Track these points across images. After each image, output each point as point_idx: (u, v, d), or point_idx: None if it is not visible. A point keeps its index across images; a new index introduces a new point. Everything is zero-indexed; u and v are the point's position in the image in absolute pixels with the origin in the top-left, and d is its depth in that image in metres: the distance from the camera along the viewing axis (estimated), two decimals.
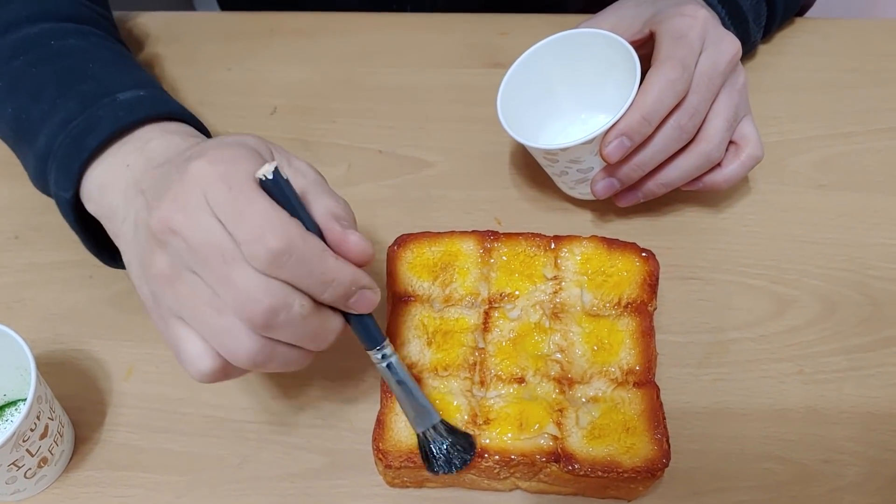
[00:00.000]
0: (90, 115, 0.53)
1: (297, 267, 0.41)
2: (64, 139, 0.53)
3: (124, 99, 0.54)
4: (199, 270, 0.42)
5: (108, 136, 0.52)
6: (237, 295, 0.41)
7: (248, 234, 0.41)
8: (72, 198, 0.53)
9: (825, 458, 0.54)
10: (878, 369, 0.58)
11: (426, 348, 0.54)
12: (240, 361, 0.43)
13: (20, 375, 0.54)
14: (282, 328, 0.42)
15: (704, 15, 0.59)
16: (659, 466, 0.49)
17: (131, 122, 0.53)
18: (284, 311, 0.42)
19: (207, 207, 0.41)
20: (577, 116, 0.67)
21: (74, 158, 0.52)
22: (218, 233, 0.41)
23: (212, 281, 0.42)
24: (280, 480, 0.54)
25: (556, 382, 0.52)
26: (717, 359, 0.59)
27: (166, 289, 0.43)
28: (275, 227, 0.41)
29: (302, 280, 0.42)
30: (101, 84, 0.55)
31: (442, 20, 0.81)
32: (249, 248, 0.41)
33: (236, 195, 0.41)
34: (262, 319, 0.41)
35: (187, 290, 0.42)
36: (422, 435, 0.49)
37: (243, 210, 0.41)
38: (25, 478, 0.51)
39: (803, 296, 0.62)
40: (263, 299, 0.41)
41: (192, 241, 0.41)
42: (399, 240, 0.58)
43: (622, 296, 0.56)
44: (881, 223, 0.66)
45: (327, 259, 0.43)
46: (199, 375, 0.44)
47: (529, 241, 0.57)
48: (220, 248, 0.41)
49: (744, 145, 0.61)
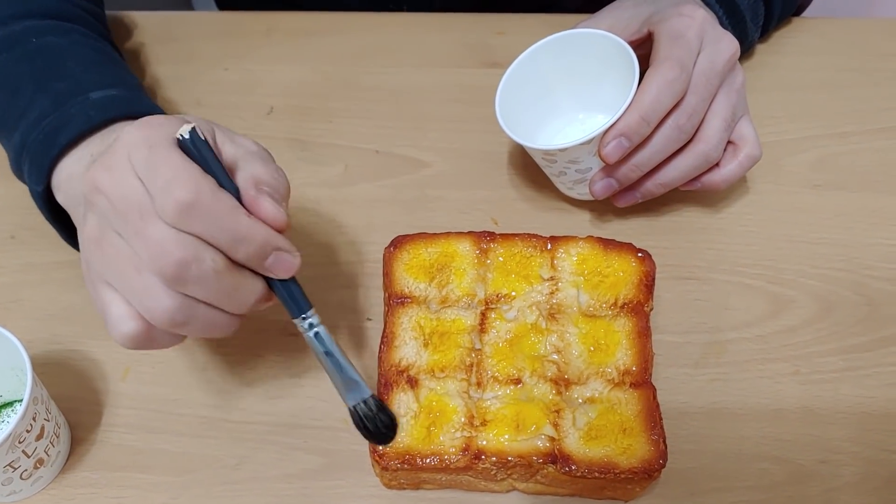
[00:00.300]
0: (63, 114, 0.55)
1: (205, 221, 0.42)
2: (37, 136, 0.55)
3: (96, 98, 0.56)
4: (120, 228, 0.43)
5: (78, 133, 0.54)
6: (150, 248, 0.42)
7: (160, 187, 0.41)
8: (43, 191, 0.55)
9: (822, 459, 0.54)
10: (874, 369, 0.58)
11: (423, 350, 0.54)
12: (158, 320, 0.43)
13: (16, 376, 0.54)
14: (194, 283, 0.42)
15: (702, 15, 0.59)
16: (656, 467, 0.49)
17: (102, 121, 0.54)
18: (196, 265, 0.42)
19: (130, 167, 0.43)
20: (575, 116, 0.67)
21: (45, 155, 0.54)
22: (137, 190, 0.42)
23: (130, 237, 0.43)
24: (277, 481, 0.54)
25: (553, 383, 0.52)
26: (714, 359, 0.59)
27: (95, 251, 0.44)
28: (183, 180, 0.41)
29: (212, 235, 0.42)
30: (76, 82, 0.57)
31: (439, 20, 0.81)
32: (159, 200, 0.41)
33: (154, 153, 0.42)
34: (172, 272, 0.42)
35: (112, 250, 0.43)
36: (352, 409, 0.47)
37: (157, 166, 0.42)
38: (21, 479, 0.51)
39: (800, 296, 0.62)
40: (174, 251, 0.41)
41: (113, 198, 0.43)
42: (395, 241, 0.58)
43: (618, 296, 0.56)
44: (878, 223, 0.66)
45: (238, 216, 0.43)
46: (123, 339, 0.44)
47: (526, 242, 0.57)
48: (137, 203, 0.42)
49: (742, 145, 0.61)
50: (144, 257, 0.42)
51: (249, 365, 0.59)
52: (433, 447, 0.50)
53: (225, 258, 0.43)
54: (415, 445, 0.50)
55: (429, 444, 0.50)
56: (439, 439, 0.50)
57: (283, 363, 0.59)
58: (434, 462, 0.49)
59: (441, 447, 0.50)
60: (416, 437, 0.50)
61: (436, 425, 0.51)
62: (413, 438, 0.50)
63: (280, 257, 0.45)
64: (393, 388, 0.52)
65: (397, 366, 0.53)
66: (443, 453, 0.50)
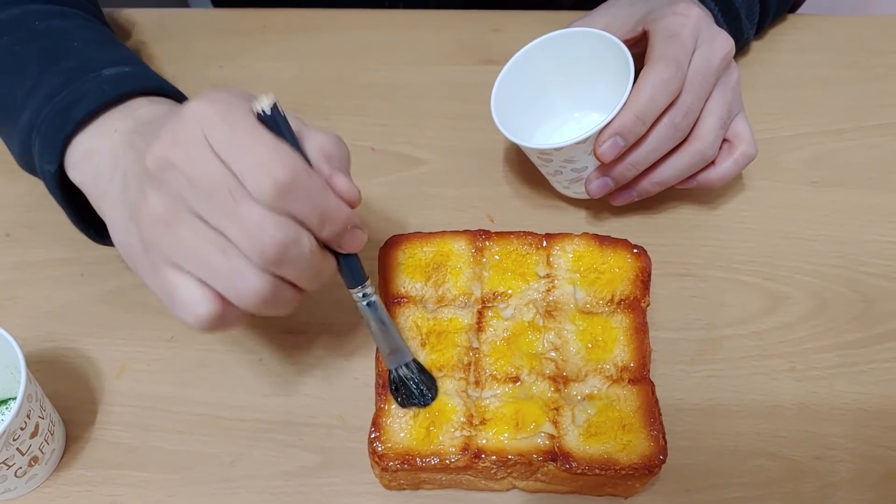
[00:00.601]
0: (75, 89, 0.53)
1: (301, 200, 0.41)
2: (48, 113, 0.53)
3: (110, 74, 0.54)
4: (202, 208, 0.41)
5: (93, 109, 0.51)
6: (248, 230, 0.41)
7: (254, 167, 0.40)
8: (56, 171, 0.52)
9: (817, 455, 0.55)
10: (869, 366, 0.58)
11: (420, 349, 0.54)
12: (246, 301, 0.42)
13: (10, 374, 0.54)
14: (291, 264, 0.42)
15: (697, 13, 0.59)
16: (656, 463, 0.49)
17: (117, 95, 0.52)
18: (295, 247, 0.42)
19: (207, 145, 0.41)
20: (570, 115, 0.67)
21: (59, 130, 0.52)
22: (219, 169, 0.41)
23: (217, 217, 0.41)
24: (273, 479, 0.54)
25: (552, 381, 0.52)
26: (710, 355, 0.59)
27: (163, 233, 0.42)
28: (281, 159, 0.40)
29: (305, 214, 0.42)
30: (86, 60, 0.55)
31: (434, 17, 0.81)
32: (255, 180, 0.40)
33: (238, 131, 0.41)
34: (273, 253, 0.41)
35: (187, 231, 0.42)
36: (394, 371, 0.51)
37: (247, 144, 0.41)
38: (16, 477, 0.51)
39: (796, 292, 0.62)
40: (274, 233, 0.41)
41: (193, 178, 0.41)
42: (390, 241, 0.57)
43: (615, 292, 0.56)
44: (874, 220, 0.66)
45: (328, 195, 0.43)
46: (198, 321, 0.43)
47: (521, 240, 0.57)
48: (224, 184, 0.41)
49: (737, 143, 0.61)
50: (237, 237, 0.41)
51: (245, 362, 0.58)
52: (433, 447, 0.50)
53: (314, 238, 0.43)
54: (414, 446, 0.50)
55: (428, 444, 0.50)
56: (439, 439, 0.50)
57: (278, 361, 0.58)
58: (434, 462, 0.49)
59: (441, 447, 0.50)
60: (416, 437, 0.50)
61: (435, 425, 0.51)
62: (412, 439, 0.50)
63: (355, 233, 0.45)
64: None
65: None
66: (442, 453, 0.49)
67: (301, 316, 0.60)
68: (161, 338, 0.59)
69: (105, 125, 0.51)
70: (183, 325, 0.58)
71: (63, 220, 0.65)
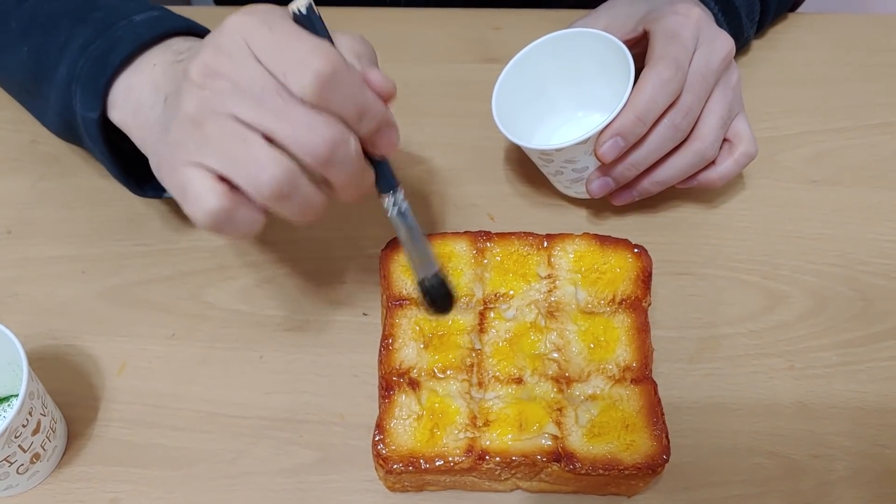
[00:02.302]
0: (109, 37, 0.53)
1: (342, 93, 0.42)
2: (85, 62, 0.53)
3: (140, 19, 0.54)
4: (247, 111, 0.42)
5: (130, 52, 0.52)
6: (299, 129, 0.41)
7: (295, 63, 0.41)
8: (98, 118, 0.53)
9: (815, 453, 0.55)
10: (867, 364, 0.58)
11: (423, 351, 0.53)
12: (263, 189, 0.42)
13: (12, 371, 0.54)
14: (339, 164, 0.43)
15: (698, 13, 0.59)
16: (659, 462, 0.49)
17: (151, 38, 0.53)
18: (343, 146, 0.42)
19: (250, 51, 0.42)
20: (571, 115, 0.67)
21: (98, 76, 0.52)
22: (263, 72, 0.42)
23: (265, 120, 0.42)
24: (273, 476, 0.54)
25: (555, 381, 0.52)
26: (709, 354, 0.59)
27: (192, 131, 0.43)
28: (321, 52, 0.41)
29: (346, 109, 0.42)
30: (114, 10, 0.56)
31: (435, 15, 0.81)
32: (298, 75, 0.41)
33: (277, 32, 0.42)
34: (325, 152, 0.42)
35: (215, 129, 0.42)
36: (421, 282, 0.51)
37: (287, 43, 0.42)
38: (18, 473, 0.51)
39: (795, 291, 0.62)
40: (325, 132, 0.42)
41: (238, 81, 0.42)
42: (392, 243, 0.57)
43: (616, 292, 0.56)
44: (873, 218, 0.66)
45: (366, 88, 0.44)
46: (203, 213, 0.43)
47: (522, 241, 0.57)
48: (271, 86, 0.41)
49: (737, 143, 0.61)
50: (290, 139, 0.42)
51: (246, 360, 0.59)
52: (437, 449, 0.50)
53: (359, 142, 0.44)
54: (418, 448, 0.50)
55: (432, 446, 0.50)
56: (443, 441, 0.50)
57: (279, 358, 0.59)
58: (438, 464, 0.49)
59: (445, 449, 0.50)
60: (420, 439, 0.50)
61: (439, 427, 0.50)
62: (416, 441, 0.50)
63: (390, 132, 0.46)
64: (394, 391, 0.52)
65: (398, 368, 0.53)
66: (447, 455, 0.49)
67: (301, 314, 0.61)
68: (162, 335, 0.60)
69: (143, 62, 0.52)
70: (185, 322, 0.60)
71: (65, 216, 0.66)
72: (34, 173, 0.68)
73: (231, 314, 0.61)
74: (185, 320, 0.60)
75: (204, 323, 0.60)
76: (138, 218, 0.65)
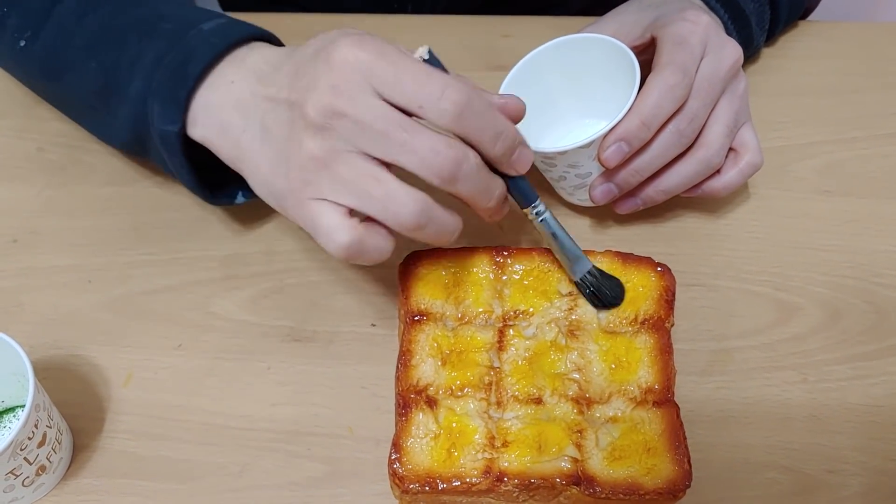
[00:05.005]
0: (182, 48, 0.54)
1: (476, 119, 0.46)
2: (161, 75, 0.54)
3: (210, 28, 0.55)
4: (372, 147, 0.45)
5: (208, 62, 0.53)
6: (423, 155, 0.45)
7: (432, 95, 0.45)
8: (179, 131, 0.53)
9: (829, 468, 0.54)
10: (882, 378, 0.58)
11: (441, 368, 0.52)
12: (403, 223, 0.46)
13: (18, 382, 0.53)
14: (464, 179, 0.46)
15: (706, 20, 0.59)
16: (681, 488, 0.48)
17: (226, 47, 0.53)
18: (465, 162, 0.46)
19: (369, 87, 0.45)
20: (577, 123, 0.66)
21: (178, 89, 0.53)
22: (386, 107, 0.45)
23: (391, 153, 0.45)
24: (280, 489, 0.53)
25: (575, 402, 0.51)
26: (720, 367, 0.58)
27: (318, 172, 0.46)
28: (455, 83, 0.45)
29: (478, 133, 0.46)
30: (181, 19, 0.56)
31: (443, 22, 0.81)
32: (435, 106, 0.45)
33: (403, 69, 0.45)
34: (449, 170, 0.45)
35: (345, 167, 0.46)
36: (580, 281, 0.54)
37: (420, 78, 0.45)
38: (23, 486, 0.51)
39: (807, 303, 0.61)
40: (448, 152, 0.45)
41: (363, 120, 0.45)
42: (409, 257, 0.56)
43: (639, 312, 0.55)
44: (886, 230, 0.65)
45: (497, 113, 0.48)
46: (336, 246, 0.46)
47: (543, 257, 0.56)
48: (395, 119, 0.45)
49: (743, 152, 0.61)
50: (416, 166, 0.45)
51: (253, 371, 0.58)
52: (454, 469, 0.49)
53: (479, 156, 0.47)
54: (435, 468, 0.49)
55: (450, 466, 0.49)
56: (460, 461, 0.49)
57: (286, 369, 0.58)
58: (455, 485, 0.48)
59: (462, 469, 0.49)
60: (437, 458, 0.49)
61: (456, 447, 0.50)
62: (434, 460, 0.49)
63: (523, 151, 0.50)
64: (412, 409, 0.51)
65: (415, 385, 0.52)
66: (464, 476, 0.49)
67: (309, 325, 0.60)
68: (169, 346, 0.59)
69: (219, 77, 0.53)
70: (192, 333, 0.59)
71: (70, 225, 0.65)
72: (40, 182, 0.68)
73: (238, 325, 0.60)
74: (192, 331, 0.60)
75: (210, 333, 0.60)
76: (144, 227, 0.65)
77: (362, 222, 0.47)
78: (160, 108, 0.54)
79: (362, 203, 0.46)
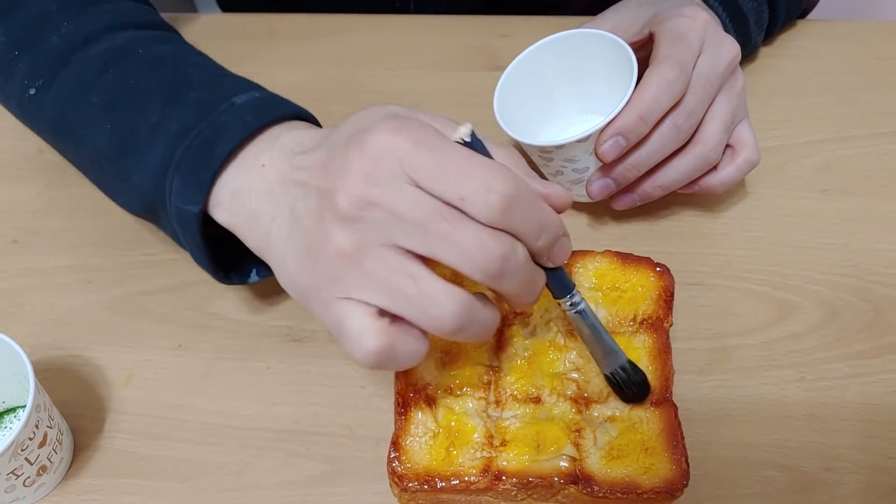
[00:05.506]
0: (211, 122, 0.50)
1: (523, 211, 0.41)
2: (186, 150, 0.50)
3: (242, 102, 0.51)
4: (407, 237, 0.40)
5: (239, 142, 0.49)
6: (468, 249, 0.40)
7: (476, 186, 0.40)
8: (199, 211, 0.49)
9: (826, 466, 0.54)
10: (880, 376, 0.58)
11: (440, 368, 0.53)
12: (441, 327, 0.41)
13: (18, 382, 0.54)
14: (511, 275, 0.41)
15: (705, 17, 0.59)
16: (678, 487, 0.48)
17: (259, 126, 0.50)
18: (513, 257, 0.41)
19: (405, 176, 0.40)
20: (575, 118, 0.67)
21: (203, 168, 0.49)
22: (427, 198, 0.40)
23: (431, 246, 0.40)
24: (280, 488, 0.54)
25: (573, 402, 0.52)
26: (719, 365, 0.58)
27: (346, 268, 0.41)
28: (501, 174, 0.40)
29: (525, 225, 0.42)
30: (211, 89, 0.53)
31: (442, 22, 0.81)
32: (481, 199, 0.40)
33: (443, 156, 0.40)
34: (496, 267, 0.40)
35: (376, 263, 0.41)
36: (610, 375, 0.51)
37: (462, 166, 0.40)
38: (24, 486, 0.51)
39: (805, 302, 0.61)
40: (495, 246, 0.40)
41: (399, 209, 0.40)
42: None
43: (637, 312, 0.55)
44: (885, 228, 0.65)
45: (543, 204, 0.43)
46: (364, 354, 0.42)
47: None
48: (435, 210, 0.40)
49: (740, 149, 0.61)
50: (460, 261, 0.40)
51: (252, 370, 0.58)
52: (453, 468, 0.49)
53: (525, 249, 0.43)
54: (434, 466, 0.49)
55: (448, 464, 0.49)
56: (459, 460, 0.49)
57: (285, 369, 0.58)
58: (454, 483, 0.48)
59: (461, 468, 0.49)
60: (436, 457, 0.49)
61: (455, 445, 0.50)
62: (432, 459, 0.49)
63: (564, 242, 0.45)
64: (411, 407, 0.51)
65: (414, 385, 0.52)
66: (463, 474, 0.49)
67: (309, 324, 0.60)
68: (169, 346, 0.59)
69: (249, 159, 0.49)
70: (192, 333, 0.60)
71: (70, 226, 0.65)
72: (39, 183, 0.68)
73: (238, 324, 0.60)
74: (192, 331, 0.60)
75: (210, 333, 0.60)
76: (144, 228, 0.65)
77: (392, 323, 0.42)
78: (182, 185, 0.50)
79: (394, 303, 0.41)
